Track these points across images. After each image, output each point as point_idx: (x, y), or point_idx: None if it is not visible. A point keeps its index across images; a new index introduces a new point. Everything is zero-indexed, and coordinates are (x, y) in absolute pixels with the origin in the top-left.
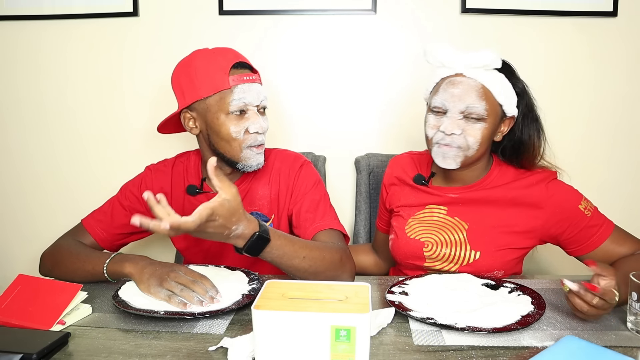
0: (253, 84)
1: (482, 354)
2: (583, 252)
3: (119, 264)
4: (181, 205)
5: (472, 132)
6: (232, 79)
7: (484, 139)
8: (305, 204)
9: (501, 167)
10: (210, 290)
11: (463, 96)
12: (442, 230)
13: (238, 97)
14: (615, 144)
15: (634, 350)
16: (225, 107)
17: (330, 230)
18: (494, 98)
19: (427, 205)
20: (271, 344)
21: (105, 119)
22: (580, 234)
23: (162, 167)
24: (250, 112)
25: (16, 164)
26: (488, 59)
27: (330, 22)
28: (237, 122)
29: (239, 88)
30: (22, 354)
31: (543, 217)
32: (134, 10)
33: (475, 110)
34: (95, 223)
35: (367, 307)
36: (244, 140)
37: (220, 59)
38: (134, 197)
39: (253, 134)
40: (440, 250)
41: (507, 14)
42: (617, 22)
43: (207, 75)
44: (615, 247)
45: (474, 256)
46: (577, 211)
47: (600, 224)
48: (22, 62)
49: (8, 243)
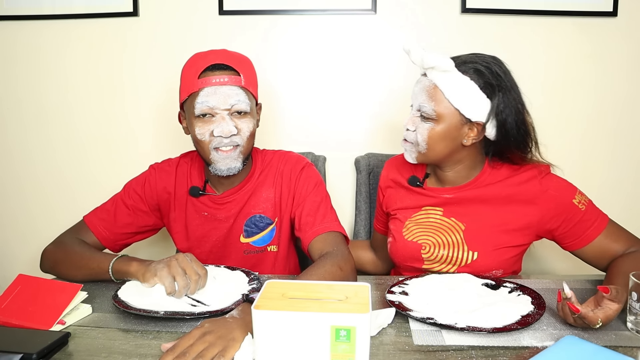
0: (222, 87)
1: (482, 354)
2: (577, 247)
3: (126, 263)
4: (184, 206)
5: (421, 130)
6: (200, 81)
7: (432, 139)
8: (307, 207)
9: (494, 166)
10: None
11: (417, 95)
12: (439, 231)
13: (201, 101)
14: (615, 143)
15: (634, 350)
16: (192, 109)
17: (331, 232)
18: (447, 101)
19: (423, 207)
20: (271, 344)
21: (105, 118)
22: (575, 228)
23: (166, 166)
24: (217, 115)
25: (16, 164)
26: (433, 62)
27: (330, 22)
28: (202, 125)
29: (204, 91)
30: (22, 354)
31: (538, 213)
32: (134, 10)
33: (424, 110)
34: (98, 222)
35: (367, 307)
36: (210, 142)
37: (199, 62)
38: (138, 197)
39: (217, 137)
40: (438, 252)
41: (507, 14)
42: (617, 22)
43: (185, 78)
44: (609, 242)
45: (472, 257)
46: (571, 205)
47: (595, 218)
48: (22, 62)
49: (8, 243)
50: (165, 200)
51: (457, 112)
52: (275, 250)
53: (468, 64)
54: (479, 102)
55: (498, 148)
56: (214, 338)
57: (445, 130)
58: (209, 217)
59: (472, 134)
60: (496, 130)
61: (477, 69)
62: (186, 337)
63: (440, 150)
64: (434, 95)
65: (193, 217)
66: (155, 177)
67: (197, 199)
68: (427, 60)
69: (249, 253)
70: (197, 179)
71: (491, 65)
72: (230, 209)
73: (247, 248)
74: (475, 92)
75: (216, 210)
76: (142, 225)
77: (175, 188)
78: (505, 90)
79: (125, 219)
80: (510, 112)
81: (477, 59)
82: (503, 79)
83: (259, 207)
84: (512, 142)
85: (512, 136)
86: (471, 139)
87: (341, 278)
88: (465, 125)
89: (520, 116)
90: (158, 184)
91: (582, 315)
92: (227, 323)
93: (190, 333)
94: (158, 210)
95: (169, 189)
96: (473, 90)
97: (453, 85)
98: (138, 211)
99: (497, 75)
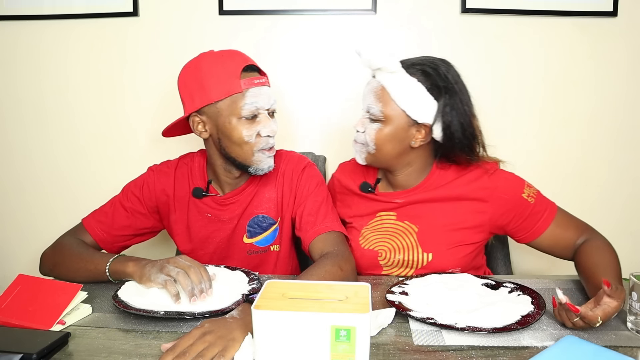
0: (263, 87)
1: (482, 354)
2: (530, 239)
3: (122, 263)
4: (185, 207)
5: (370, 131)
6: (243, 82)
7: (380, 140)
8: (308, 206)
9: (442, 167)
10: (204, 282)
11: (366, 96)
12: (394, 236)
13: (250, 102)
14: (616, 143)
15: (634, 350)
16: (237, 111)
17: (332, 232)
18: (394, 102)
19: (377, 212)
20: (271, 344)
21: (105, 118)
22: (525, 222)
23: (164, 168)
24: (261, 115)
25: (16, 164)
26: (380, 63)
27: (330, 22)
28: (249, 126)
29: (250, 92)
30: (22, 354)
31: (489, 211)
32: (134, 10)
33: (372, 111)
34: (95, 224)
35: (367, 307)
36: (256, 143)
37: (229, 62)
38: (136, 199)
39: (264, 137)
40: (394, 257)
41: (507, 14)
42: (617, 22)
43: (217, 79)
44: (560, 231)
45: (427, 258)
46: (520, 200)
47: (544, 209)
48: (22, 62)
49: (8, 243)
50: (164, 203)
51: (404, 113)
52: (278, 250)
53: (416, 65)
54: (426, 104)
55: (445, 150)
56: (214, 338)
57: (392, 132)
58: (212, 218)
59: (420, 136)
60: (442, 132)
61: (425, 71)
62: (186, 336)
63: (388, 152)
64: (382, 96)
65: (196, 218)
66: (153, 179)
67: (200, 200)
68: (374, 62)
69: (252, 253)
70: (198, 180)
71: (439, 68)
72: (234, 210)
73: (250, 248)
74: (422, 93)
75: (220, 212)
76: (140, 227)
77: (174, 190)
78: (452, 93)
79: (123, 221)
80: (456, 115)
81: (425, 61)
82: (450, 81)
83: (261, 207)
84: (457, 145)
85: (457, 138)
86: (419, 140)
87: (341, 278)
88: (413, 127)
89: (466, 119)
90: (157, 186)
91: (582, 315)
92: (227, 323)
93: (190, 333)
94: (157, 212)
95: (167, 191)
96: (420, 91)
97: (400, 87)
98: (136, 213)
99: (444, 78)
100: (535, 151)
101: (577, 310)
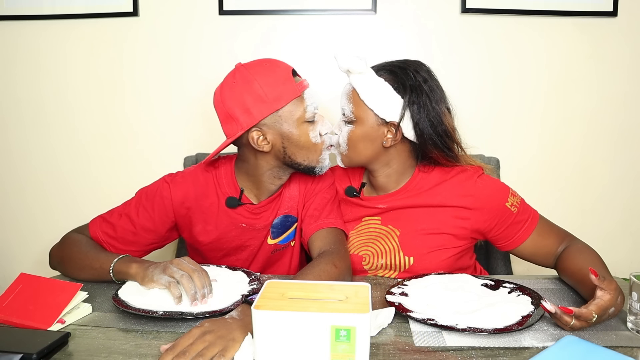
0: (310, 88)
1: (482, 354)
2: (511, 247)
3: (126, 265)
4: (214, 218)
5: (343, 133)
6: (299, 85)
7: (352, 141)
8: (315, 202)
9: (425, 171)
10: (207, 287)
11: (340, 99)
12: (377, 240)
13: (310, 103)
14: (616, 143)
15: (634, 350)
16: (301, 114)
17: (333, 229)
18: (363, 102)
19: (363, 217)
20: (271, 344)
21: (105, 118)
22: (507, 231)
23: (180, 179)
24: (317, 115)
25: (16, 164)
26: (348, 65)
27: (330, 22)
28: (314, 127)
29: (306, 94)
30: (22, 354)
31: (471, 217)
32: (134, 10)
33: (345, 113)
34: (102, 235)
35: (367, 307)
36: (322, 143)
37: (278, 69)
38: (147, 214)
39: (325, 135)
40: (377, 261)
41: (508, 14)
42: (617, 22)
43: (274, 87)
44: (541, 239)
45: (409, 262)
46: (504, 209)
47: (526, 218)
48: (22, 62)
49: (8, 243)
50: (183, 216)
51: (372, 113)
52: (294, 244)
53: (386, 67)
54: (392, 102)
55: (421, 150)
56: (213, 337)
57: (363, 132)
58: (247, 228)
59: (390, 135)
60: (412, 130)
61: (392, 71)
62: (186, 336)
63: (361, 151)
64: (352, 97)
65: (229, 229)
66: (169, 192)
67: (233, 210)
68: (343, 64)
69: (276, 252)
70: (228, 189)
71: (408, 68)
72: (267, 217)
73: (274, 248)
74: (388, 92)
75: (254, 220)
76: (146, 244)
77: (197, 200)
78: (419, 91)
79: (129, 237)
80: (425, 112)
81: (396, 62)
82: (417, 80)
83: (284, 206)
84: (430, 143)
85: (427, 135)
86: (390, 140)
87: (336, 275)
88: (383, 126)
89: (436, 117)
90: (174, 199)
91: (576, 314)
92: (227, 323)
93: (190, 332)
94: (172, 227)
95: (187, 203)
96: (386, 90)
97: (368, 87)
98: (143, 231)
99: (412, 77)
100: (536, 151)
101: (570, 312)
